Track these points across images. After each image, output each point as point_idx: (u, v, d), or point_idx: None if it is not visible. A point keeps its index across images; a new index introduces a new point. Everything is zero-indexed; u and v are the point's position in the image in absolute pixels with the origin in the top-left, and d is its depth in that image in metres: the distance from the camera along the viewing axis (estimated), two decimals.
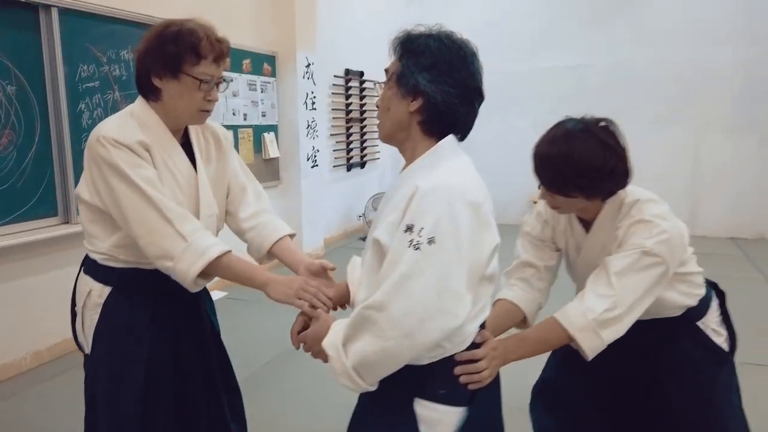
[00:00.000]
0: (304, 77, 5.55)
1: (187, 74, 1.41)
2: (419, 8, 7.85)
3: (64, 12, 3.30)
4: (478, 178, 1.19)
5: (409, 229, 1.07)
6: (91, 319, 1.47)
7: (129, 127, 1.42)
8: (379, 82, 1.29)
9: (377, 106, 1.26)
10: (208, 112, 1.50)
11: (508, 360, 1.32)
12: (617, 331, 1.38)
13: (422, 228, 1.06)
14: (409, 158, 1.21)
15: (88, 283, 1.50)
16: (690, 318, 1.61)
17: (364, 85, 7.06)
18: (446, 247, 1.05)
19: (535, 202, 1.61)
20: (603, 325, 1.37)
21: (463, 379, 1.17)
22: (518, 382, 1.99)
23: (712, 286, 1.71)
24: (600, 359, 1.43)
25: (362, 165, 7.24)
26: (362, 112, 7.10)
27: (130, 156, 1.37)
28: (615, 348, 1.42)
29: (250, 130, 5.12)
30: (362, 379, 1.10)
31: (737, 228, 6.64)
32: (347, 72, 6.71)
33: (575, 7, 7.06)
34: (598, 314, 1.36)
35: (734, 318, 1.69)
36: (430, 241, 1.05)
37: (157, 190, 1.37)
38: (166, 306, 1.53)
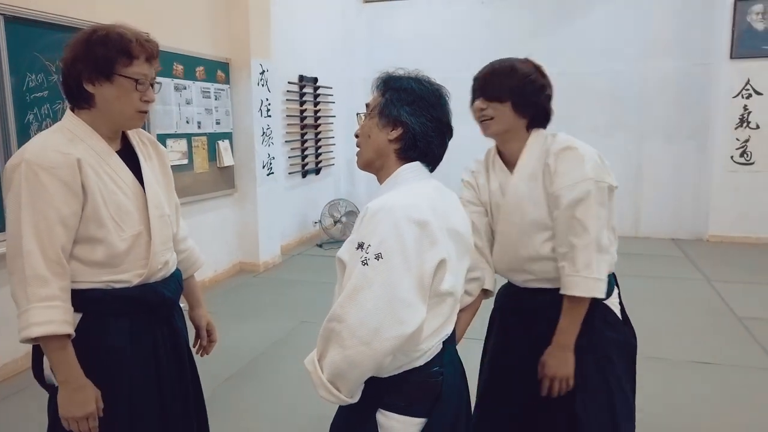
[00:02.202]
0: (258, 84, 5.51)
1: (121, 75, 1.40)
2: (370, 16, 7.92)
3: (11, 20, 3.18)
4: (437, 199, 1.28)
5: (360, 246, 1.17)
6: None
7: (58, 145, 1.38)
8: (359, 113, 1.40)
9: (356, 136, 1.37)
10: (145, 113, 1.49)
11: (569, 350, 1.58)
12: (610, 263, 1.63)
13: (369, 245, 1.15)
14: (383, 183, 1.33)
15: None
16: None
17: (318, 91, 7.05)
18: (393, 261, 1.14)
19: None
20: (600, 270, 1.55)
21: None
22: None
23: (612, 276, 1.77)
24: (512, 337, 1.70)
25: (317, 171, 7.23)
26: (317, 119, 7.10)
27: (43, 189, 1.33)
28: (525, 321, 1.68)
29: (204, 138, 5.04)
30: (338, 390, 1.18)
31: (677, 230, 6.99)
32: (301, 78, 6.69)
33: (521, 18, 7.27)
34: (595, 269, 1.54)
35: (676, 317, 1.75)
36: (377, 256, 1.14)
37: (42, 238, 1.33)
38: (143, 322, 1.51)
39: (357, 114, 1.43)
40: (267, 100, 5.67)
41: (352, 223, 6.82)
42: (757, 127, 6.32)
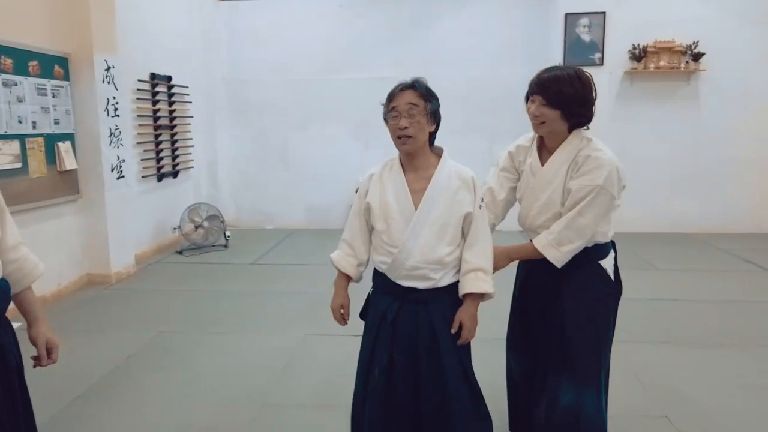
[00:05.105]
0: (103, 81, 5.10)
1: None
2: (228, 14, 7.66)
3: None
4: None
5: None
6: None
7: None
8: (410, 108, 1.90)
9: (404, 127, 1.89)
10: None
11: (511, 258, 2.20)
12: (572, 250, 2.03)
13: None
14: (425, 158, 1.99)
15: None
16: (595, 255, 2.13)
17: (173, 90, 6.69)
18: None
19: None
20: (568, 249, 2.02)
21: None
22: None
23: (612, 243, 2.21)
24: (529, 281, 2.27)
25: (175, 175, 6.85)
26: (172, 119, 6.72)
27: None
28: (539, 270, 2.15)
29: (41, 140, 4.56)
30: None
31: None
32: (153, 76, 6.30)
33: (380, 23, 7.46)
34: (566, 247, 2.01)
35: None
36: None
37: None
38: None
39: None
40: (114, 98, 5.26)
41: (214, 228, 6.55)
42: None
